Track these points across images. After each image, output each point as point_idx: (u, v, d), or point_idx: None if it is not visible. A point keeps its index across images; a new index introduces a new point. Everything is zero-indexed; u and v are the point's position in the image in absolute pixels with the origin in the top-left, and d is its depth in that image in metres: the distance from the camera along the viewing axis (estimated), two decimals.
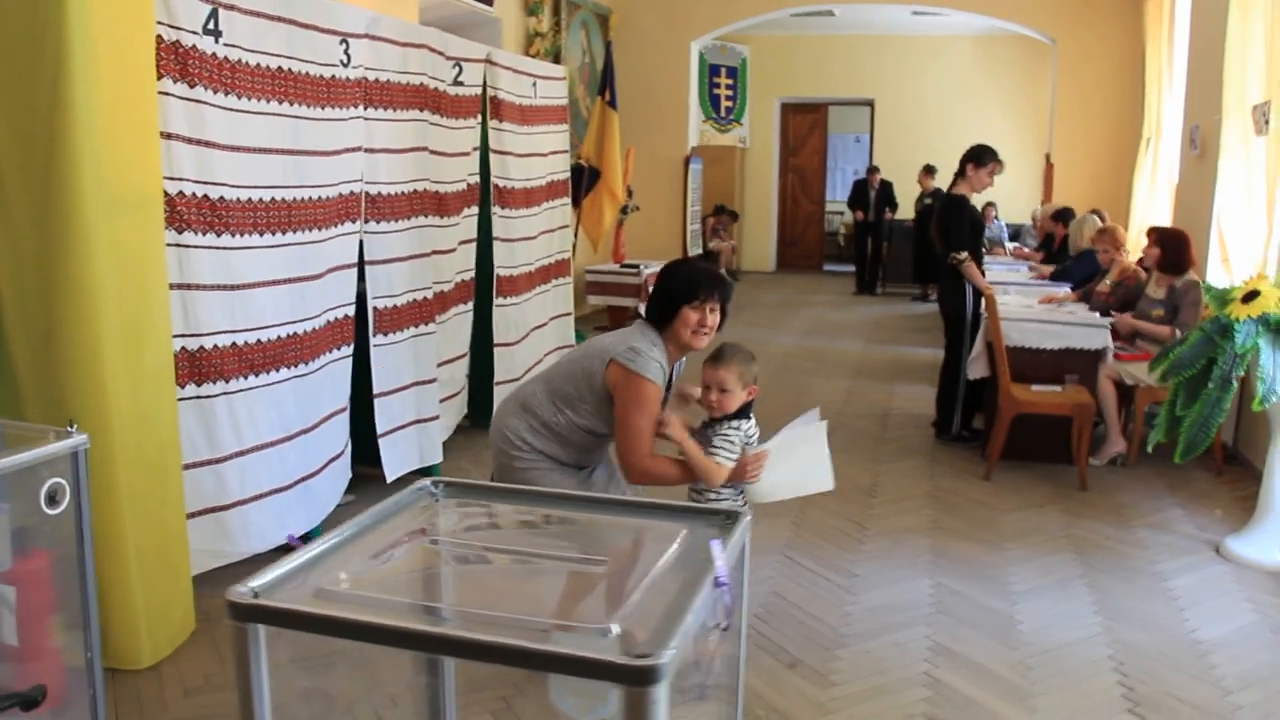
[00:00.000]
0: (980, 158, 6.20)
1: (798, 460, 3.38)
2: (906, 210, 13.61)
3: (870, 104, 15.40)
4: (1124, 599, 4.15)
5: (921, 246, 12.94)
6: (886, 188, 13.88)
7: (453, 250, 5.75)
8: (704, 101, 14.74)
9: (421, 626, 1.23)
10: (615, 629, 1.23)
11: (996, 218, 12.51)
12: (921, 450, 6.30)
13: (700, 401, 3.32)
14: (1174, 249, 6.06)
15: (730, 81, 15.10)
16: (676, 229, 11.91)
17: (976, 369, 6.10)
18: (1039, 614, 4.02)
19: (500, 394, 6.23)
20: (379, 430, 5.01)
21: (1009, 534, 4.87)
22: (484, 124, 6.08)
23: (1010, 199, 13.00)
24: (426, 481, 1.74)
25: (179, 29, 3.52)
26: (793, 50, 15.22)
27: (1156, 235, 6.29)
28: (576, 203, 9.37)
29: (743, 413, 3.31)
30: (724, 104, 15.16)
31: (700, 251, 12.91)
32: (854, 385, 8.17)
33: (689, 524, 1.60)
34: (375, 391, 4.99)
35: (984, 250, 6.54)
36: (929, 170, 12.76)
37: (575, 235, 9.33)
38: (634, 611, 1.30)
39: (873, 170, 14.05)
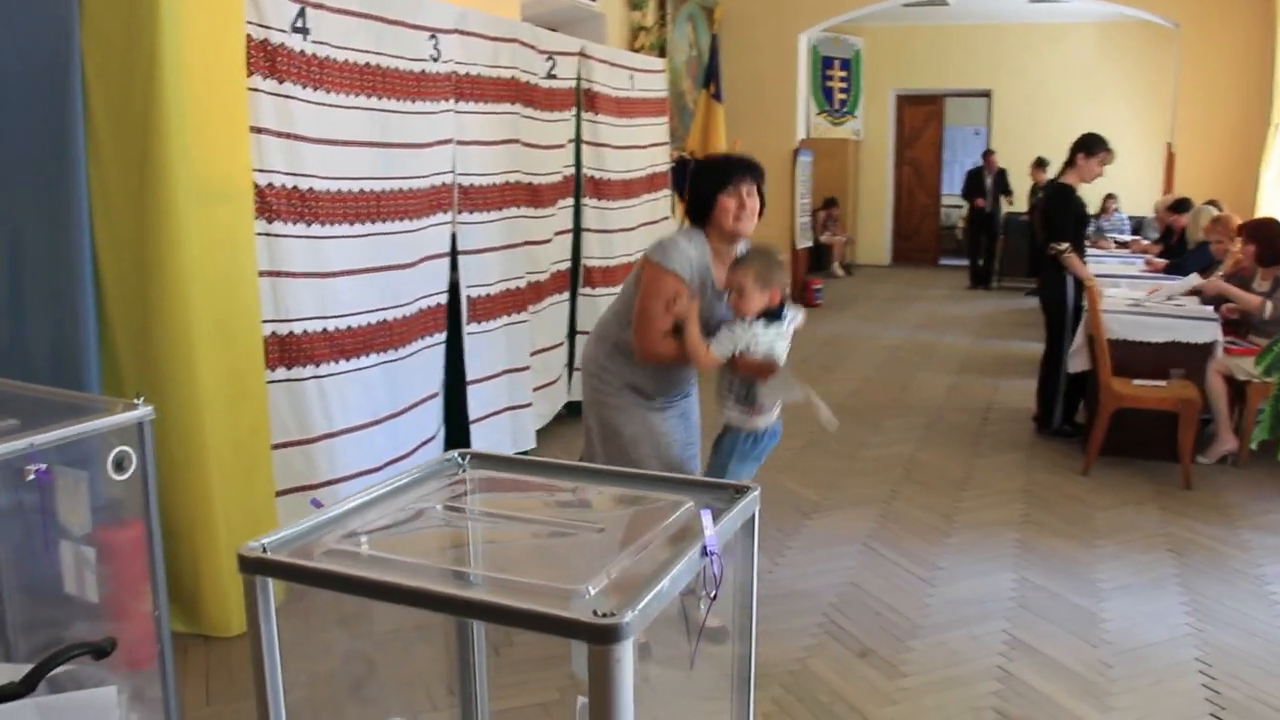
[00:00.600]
0: (1090, 146, 6.04)
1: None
2: (1021, 202, 13.29)
3: (987, 95, 15.06)
4: (1220, 601, 4.01)
5: (1036, 240, 12.63)
6: (1003, 174, 13.54)
7: (548, 241, 5.86)
8: (817, 94, 14.62)
9: (403, 581, 1.29)
10: (591, 590, 1.27)
11: (1118, 210, 12.14)
12: (1020, 444, 6.18)
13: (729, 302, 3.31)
14: (1267, 241, 5.84)
15: (844, 73, 14.94)
16: (784, 222, 11.84)
17: (1077, 362, 5.95)
18: (1126, 612, 3.92)
19: (577, 381, 6.32)
20: (471, 416, 5.14)
21: (1102, 530, 4.74)
22: (578, 117, 6.17)
23: (1132, 191, 12.60)
24: (454, 452, 1.80)
25: (268, 28, 3.67)
26: (908, 41, 14.97)
27: (1247, 231, 6.07)
28: (682, 195, 9.42)
29: (769, 315, 3.25)
30: (838, 96, 15.01)
31: (810, 245, 12.81)
32: (958, 380, 8.04)
33: (696, 496, 1.63)
34: (468, 379, 5.12)
35: (1085, 241, 6.36)
36: (1040, 163, 12.43)
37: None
38: (617, 576, 1.33)
39: (989, 154, 13.68)
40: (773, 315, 3.26)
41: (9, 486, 2.54)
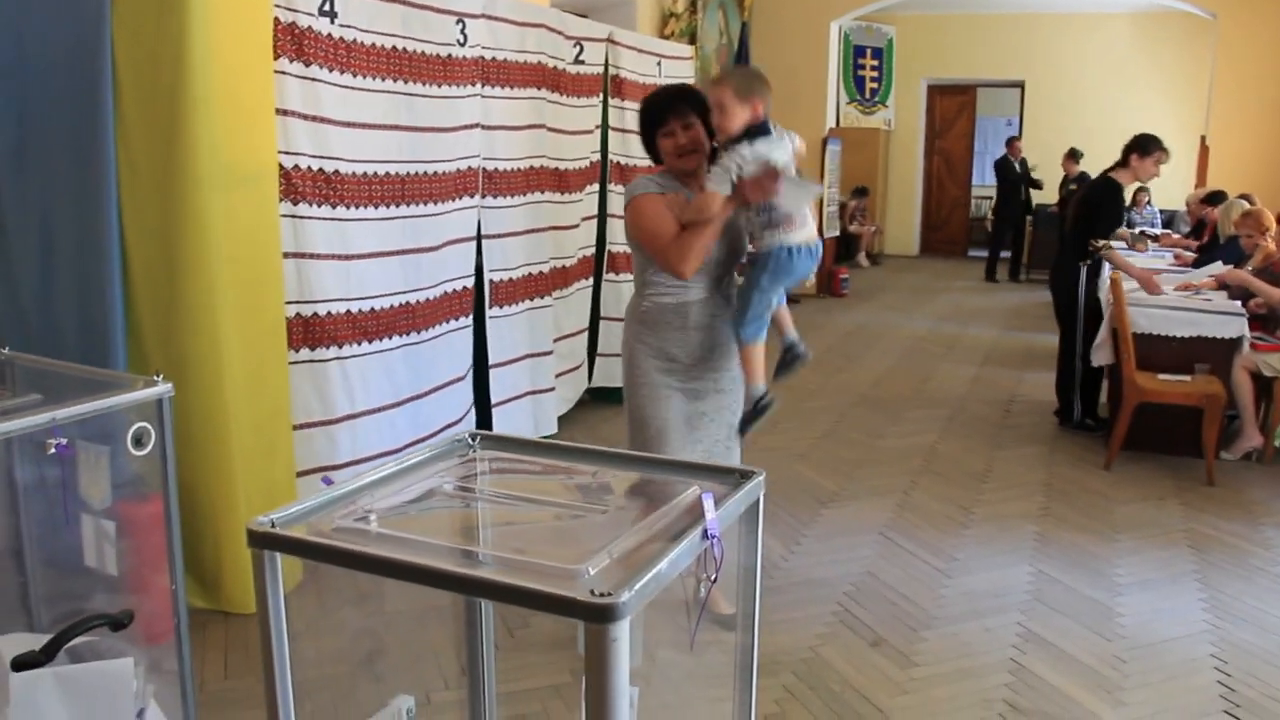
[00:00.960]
0: (1146, 146, 6.00)
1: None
2: (1051, 193, 13.18)
3: (1020, 85, 14.94)
4: (1239, 598, 3.99)
5: (1064, 231, 12.53)
6: (1023, 163, 13.40)
7: (575, 226, 5.88)
8: (848, 83, 14.56)
9: (407, 558, 1.31)
10: (590, 571, 1.29)
11: (1149, 203, 12.02)
12: (1042, 438, 6.15)
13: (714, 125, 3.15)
14: None
15: (875, 63, 14.86)
16: (813, 211, 11.82)
17: (1101, 356, 5.91)
18: (1142, 607, 3.91)
19: (603, 365, 6.37)
20: (493, 400, 5.17)
21: (1122, 525, 4.73)
22: (605, 103, 6.17)
23: (1164, 183, 12.42)
24: (464, 433, 1.82)
25: (295, 10, 3.70)
26: (940, 30, 14.88)
27: None
28: None
29: (750, 133, 3.07)
30: (869, 85, 14.93)
31: (837, 234, 12.76)
32: (981, 371, 8.01)
33: (703, 481, 1.64)
34: (490, 362, 5.15)
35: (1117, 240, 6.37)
36: (1073, 155, 12.33)
37: None
38: (618, 556, 1.35)
39: (1013, 141, 13.55)
40: (757, 131, 3.09)
41: (32, 460, 2.59)
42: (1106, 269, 6.20)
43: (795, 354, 3.48)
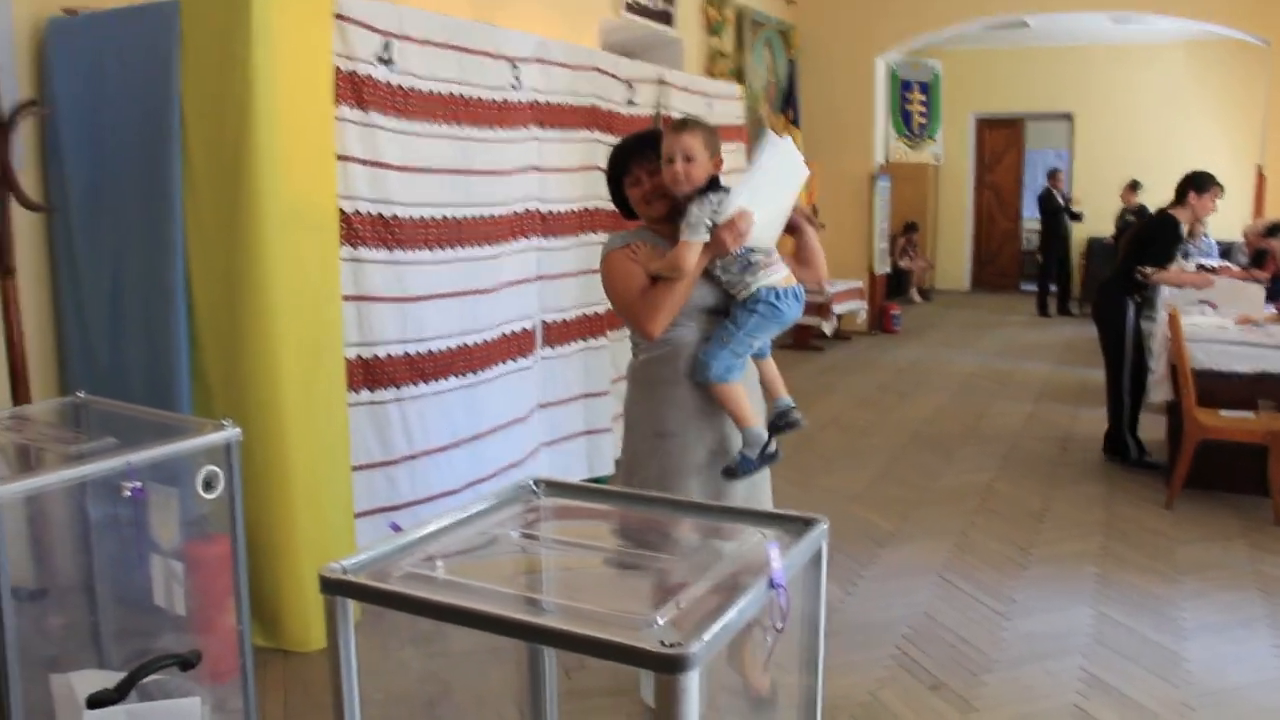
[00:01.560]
0: (1202, 184, 6.01)
1: (773, 185, 2.95)
2: (1106, 224, 13.06)
3: (1069, 118, 14.86)
4: None
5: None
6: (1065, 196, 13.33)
7: None
8: (896, 119, 14.54)
9: (476, 605, 1.33)
10: (660, 620, 1.30)
11: (1206, 234, 11.88)
12: (1100, 476, 6.08)
13: (667, 180, 2.92)
14: None
15: (923, 97, 14.83)
16: (862, 247, 11.79)
17: (1160, 392, 5.85)
18: (1210, 653, 3.83)
19: None
20: (542, 439, 5.20)
21: (1186, 567, 4.65)
22: None
23: (1220, 213, 12.31)
24: (528, 479, 1.85)
25: (355, 59, 3.79)
26: (988, 63, 14.85)
27: None
28: None
29: (711, 186, 2.89)
30: (916, 120, 14.89)
31: (888, 270, 12.73)
32: (1036, 408, 7.93)
33: (766, 528, 1.65)
34: (540, 401, 5.18)
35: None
36: (1134, 187, 12.24)
37: None
38: (685, 606, 1.36)
39: (1055, 174, 13.45)
40: (716, 184, 2.91)
41: (104, 501, 2.65)
42: (1159, 303, 6.16)
43: (788, 420, 3.19)
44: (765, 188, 2.91)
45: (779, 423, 3.18)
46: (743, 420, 3.00)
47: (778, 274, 3.00)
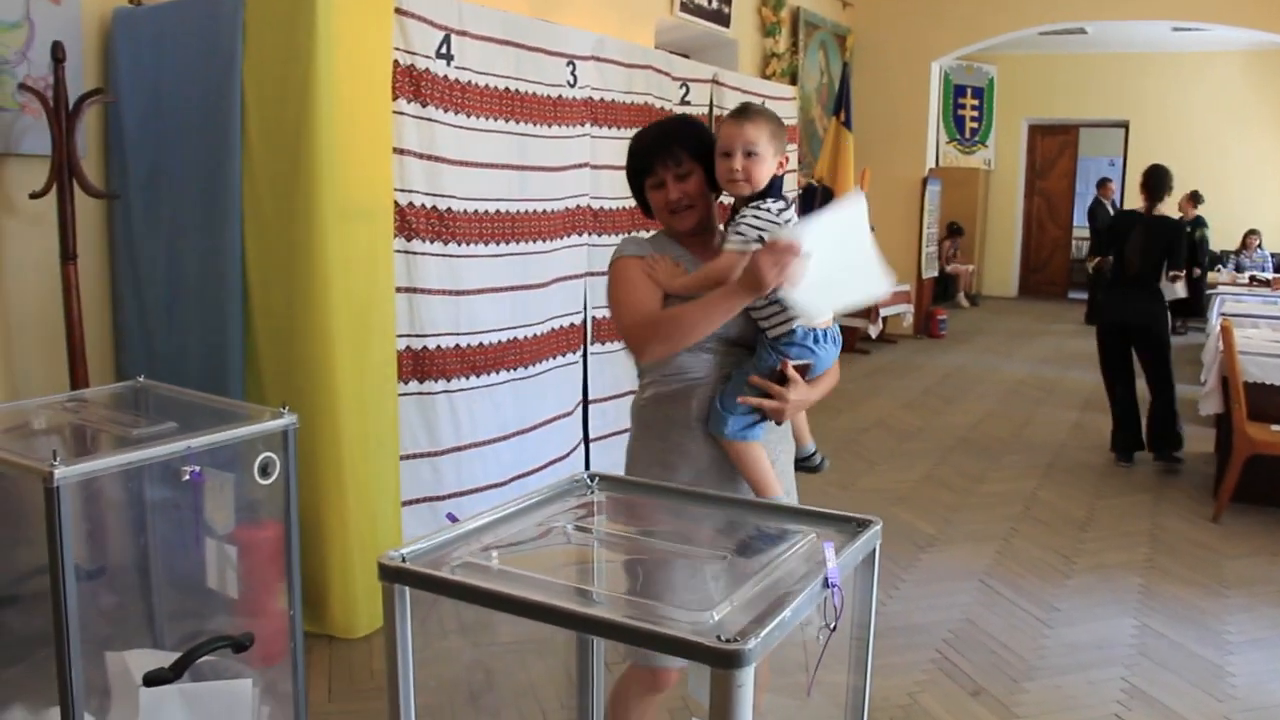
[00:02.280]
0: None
1: (842, 253, 2.32)
2: None
3: (1125, 126, 14.68)
4: None
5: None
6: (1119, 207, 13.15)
7: None
8: (948, 123, 14.46)
9: (533, 596, 1.35)
10: (715, 616, 1.31)
11: (1260, 246, 11.73)
12: (1145, 487, 6.01)
13: (721, 176, 2.40)
14: None
15: (976, 102, 14.74)
16: (912, 251, 11.73)
17: (1210, 404, 5.78)
18: (1256, 668, 3.79)
19: None
20: (591, 434, 5.23)
21: (1232, 580, 4.59)
22: None
23: (1275, 226, 12.16)
24: (583, 473, 1.87)
25: (414, 54, 3.82)
26: (1043, 69, 14.71)
27: None
28: None
29: (771, 190, 2.41)
30: (969, 125, 14.81)
31: (935, 275, 12.65)
32: (1082, 417, 7.85)
33: (819, 528, 1.66)
34: (590, 397, 5.21)
35: None
36: (1194, 198, 12.08)
37: None
38: (739, 603, 1.37)
39: (1105, 183, 13.28)
40: (776, 189, 2.44)
41: (161, 484, 2.70)
42: (1212, 315, 6.12)
43: (812, 466, 2.76)
44: (830, 242, 2.26)
45: (802, 467, 2.75)
46: (761, 488, 2.41)
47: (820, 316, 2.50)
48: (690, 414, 2.44)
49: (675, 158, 2.42)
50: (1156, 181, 6.64)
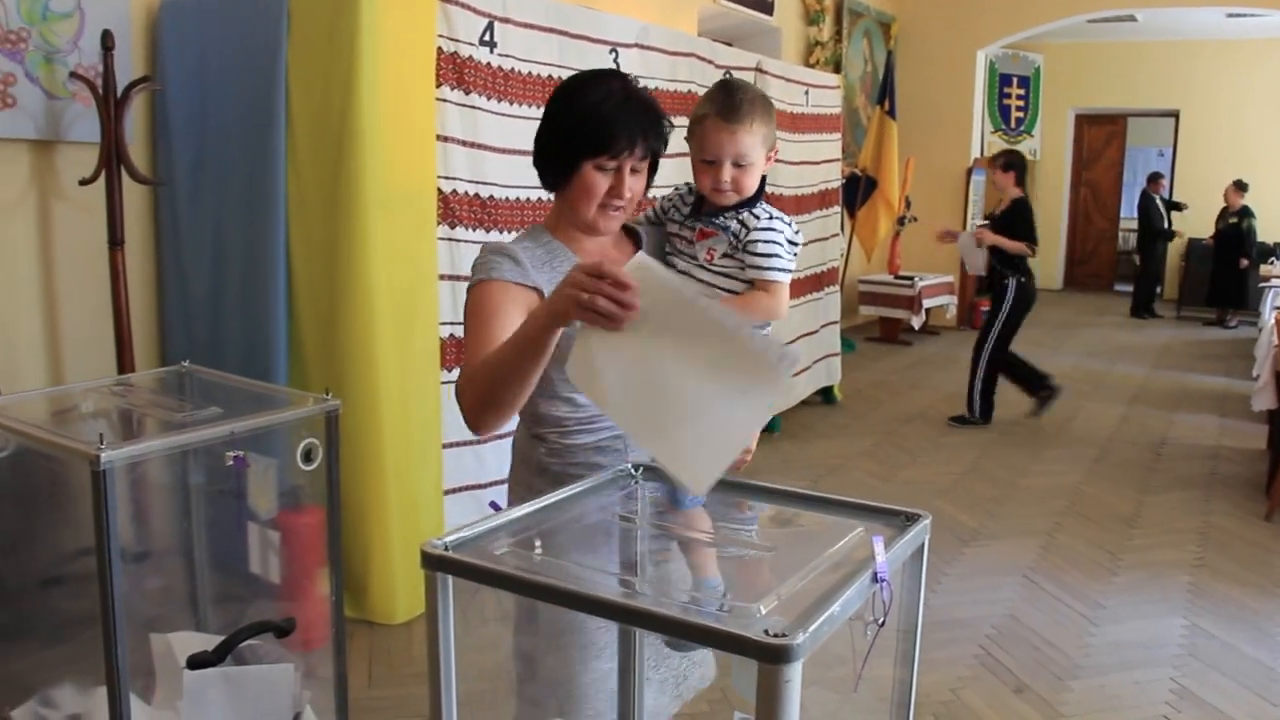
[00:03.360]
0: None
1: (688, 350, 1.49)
2: (1206, 226, 12.72)
3: (1175, 115, 14.43)
4: None
5: (1220, 267, 12.07)
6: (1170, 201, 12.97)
7: None
8: (993, 112, 14.28)
9: (575, 587, 1.33)
10: (763, 609, 1.29)
11: None
12: (1195, 483, 5.91)
13: (706, 187, 1.98)
14: None
15: (1022, 91, 14.54)
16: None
17: (1262, 400, 5.68)
18: None
19: None
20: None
21: None
22: None
23: None
24: (628, 465, 1.85)
25: (457, 40, 3.81)
26: (1090, 58, 14.48)
27: None
28: (852, 212, 9.36)
29: (759, 195, 2.00)
30: (1014, 115, 14.61)
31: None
32: (1130, 411, 7.74)
33: (866, 521, 1.63)
34: None
35: None
36: (1239, 186, 11.87)
37: (849, 244, 9.31)
38: (788, 597, 1.35)
39: (1156, 179, 13.08)
40: (754, 198, 1.99)
41: (205, 469, 2.72)
42: (1266, 308, 5.99)
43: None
44: (678, 320, 1.49)
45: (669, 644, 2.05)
46: (697, 566, 1.68)
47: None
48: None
49: (645, 147, 1.93)
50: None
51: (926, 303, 10.42)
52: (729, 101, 1.95)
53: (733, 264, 1.99)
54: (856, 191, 9.35)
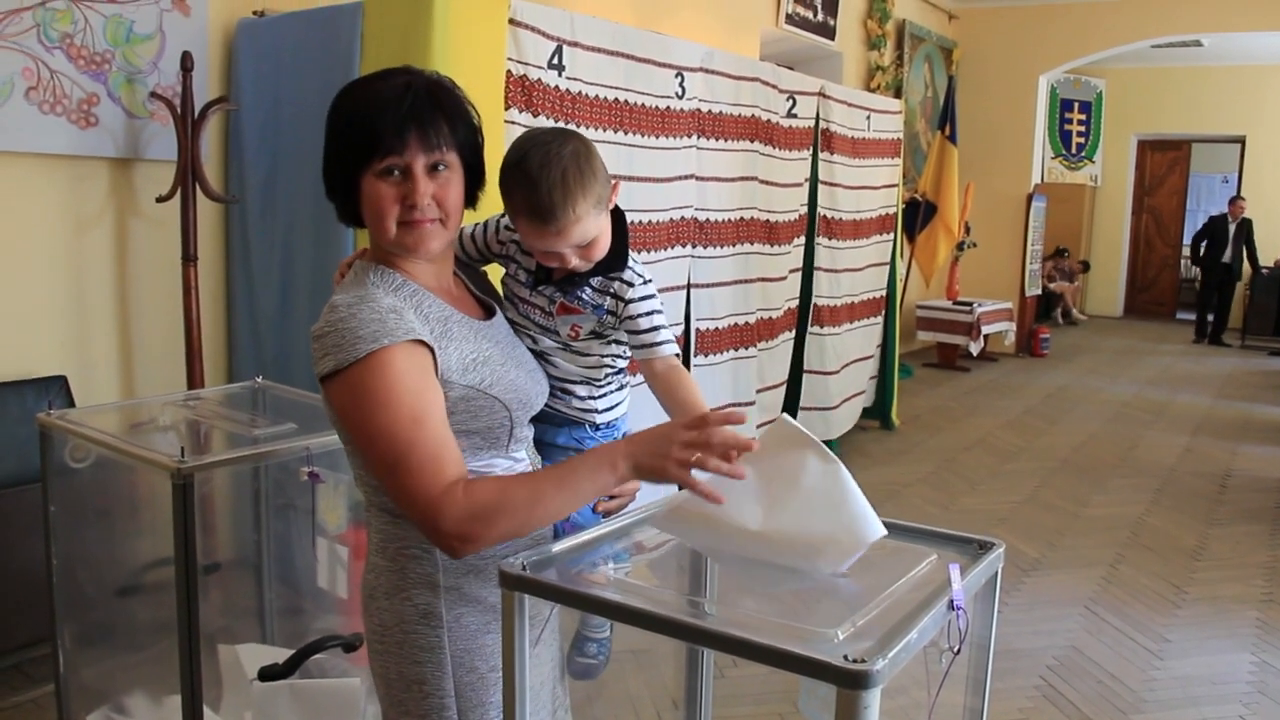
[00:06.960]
0: None
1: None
2: (1266, 255, 12.52)
3: (1241, 141, 14.22)
4: None
5: None
6: (1246, 225, 12.70)
7: (783, 278, 5.90)
8: (1054, 137, 14.18)
9: (652, 608, 1.34)
10: (840, 634, 1.29)
11: None
12: (1262, 516, 5.80)
13: (548, 263, 1.76)
14: None
15: (1083, 117, 14.43)
16: (1015, 268, 11.50)
17: None
18: None
19: (803, 419, 6.31)
20: None
21: None
22: (815, 156, 6.19)
23: None
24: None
25: (527, 64, 3.86)
26: (1153, 83, 14.32)
27: None
28: (912, 237, 9.33)
29: (615, 261, 1.79)
30: (1075, 140, 14.50)
31: (1038, 293, 12.38)
32: (1193, 442, 7.61)
33: (939, 548, 1.63)
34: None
35: None
36: None
37: (909, 269, 9.28)
38: (865, 622, 1.35)
39: (1236, 200, 12.84)
40: (616, 259, 1.79)
41: (277, 483, 2.77)
42: None
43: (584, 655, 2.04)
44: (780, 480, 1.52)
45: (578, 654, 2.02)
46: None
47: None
48: None
49: (435, 138, 1.59)
50: None
51: (985, 329, 10.34)
52: (536, 201, 1.63)
53: (596, 339, 1.82)
54: (916, 216, 9.32)
